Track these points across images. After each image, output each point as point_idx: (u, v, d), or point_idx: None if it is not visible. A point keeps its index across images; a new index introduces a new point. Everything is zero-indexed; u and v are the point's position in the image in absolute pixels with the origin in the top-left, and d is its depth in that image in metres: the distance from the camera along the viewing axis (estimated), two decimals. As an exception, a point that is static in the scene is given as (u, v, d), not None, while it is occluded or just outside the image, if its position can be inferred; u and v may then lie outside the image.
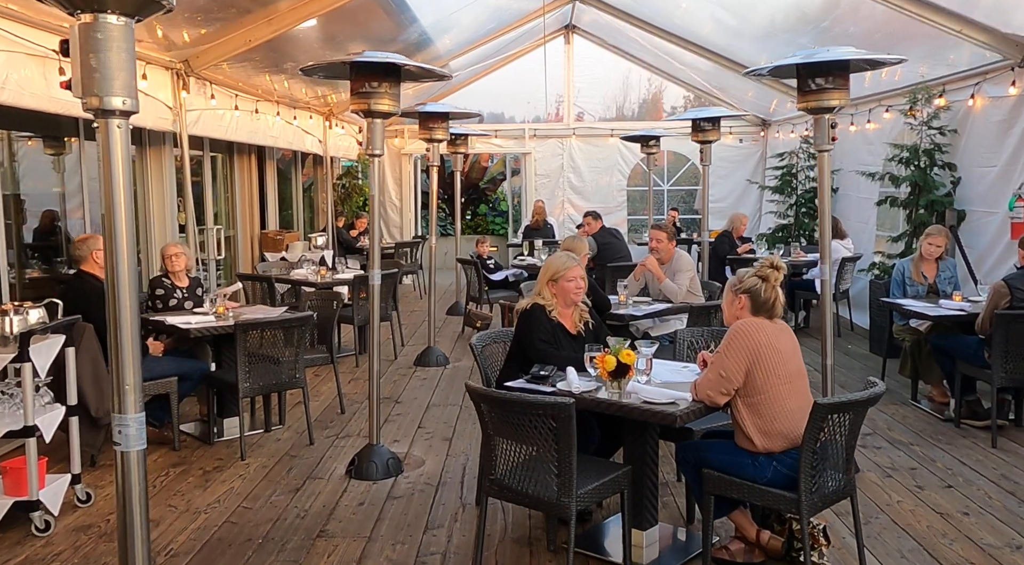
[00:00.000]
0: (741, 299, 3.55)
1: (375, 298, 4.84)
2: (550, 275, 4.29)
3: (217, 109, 7.37)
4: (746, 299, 3.53)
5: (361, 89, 4.65)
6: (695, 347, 4.66)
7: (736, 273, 3.68)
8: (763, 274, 3.55)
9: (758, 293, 3.52)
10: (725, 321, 3.67)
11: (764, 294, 3.51)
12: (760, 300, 3.51)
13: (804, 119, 11.52)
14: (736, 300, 3.57)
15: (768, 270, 3.55)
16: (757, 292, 3.52)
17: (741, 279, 3.59)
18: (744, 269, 3.66)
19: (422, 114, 7.51)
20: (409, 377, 7.41)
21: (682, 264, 6.43)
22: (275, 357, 5.41)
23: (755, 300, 3.52)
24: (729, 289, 3.64)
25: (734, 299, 3.59)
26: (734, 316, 3.58)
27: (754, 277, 3.56)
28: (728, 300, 3.63)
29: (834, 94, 4.67)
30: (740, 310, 3.55)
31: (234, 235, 9.66)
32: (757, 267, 3.59)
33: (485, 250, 9.83)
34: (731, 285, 3.63)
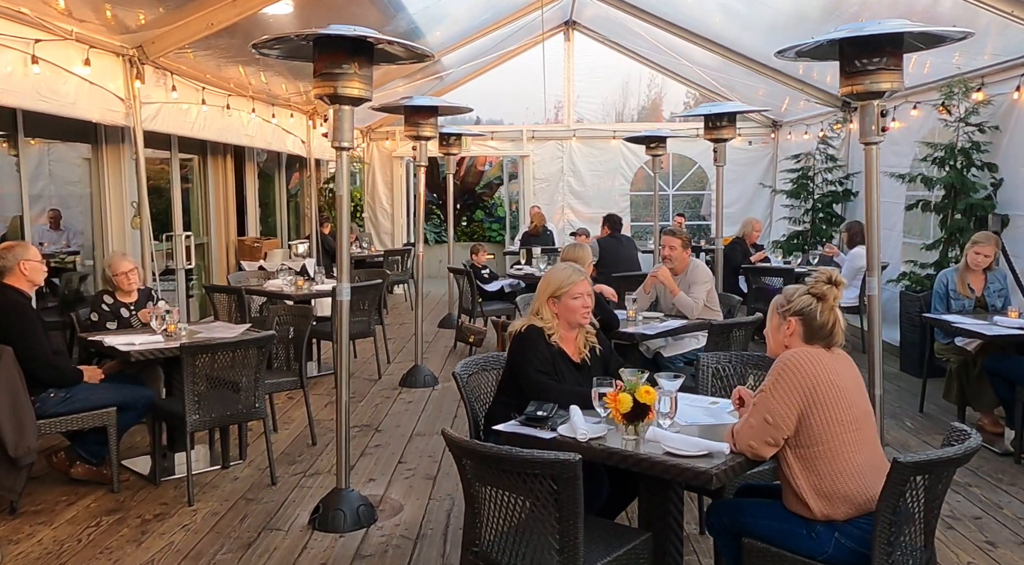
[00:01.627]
0: (791, 324, 2.82)
1: (342, 317, 4.11)
2: (551, 291, 3.56)
3: (180, 103, 6.65)
4: (797, 323, 2.81)
5: (325, 70, 3.93)
6: (721, 375, 3.93)
7: (783, 291, 2.95)
8: (818, 292, 2.82)
9: (812, 316, 2.79)
10: (770, 351, 2.94)
11: (820, 317, 2.78)
12: (815, 325, 2.78)
13: (819, 119, 10.82)
14: (784, 325, 2.84)
15: (824, 286, 2.82)
16: (811, 315, 2.79)
17: (790, 298, 2.86)
18: (793, 286, 2.93)
19: (408, 108, 6.79)
20: (393, 400, 6.67)
21: (698, 275, 5.70)
22: (234, 383, 4.68)
23: (809, 325, 2.79)
24: (775, 311, 2.90)
25: (781, 323, 2.86)
26: (781, 345, 2.85)
27: (806, 295, 2.83)
28: (774, 325, 2.90)
29: (884, 76, 3.97)
30: (789, 337, 2.82)
31: (207, 242, 8.93)
32: (810, 283, 2.87)
33: (482, 259, 9.10)
34: (777, 306, 2.90)
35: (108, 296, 5.17)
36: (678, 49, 11.10)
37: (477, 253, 9.04)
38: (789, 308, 2.83)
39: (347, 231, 4.14)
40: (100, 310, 5.12)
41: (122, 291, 5.18)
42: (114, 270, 5.13)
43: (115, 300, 5.17)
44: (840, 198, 9.99)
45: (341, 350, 4.08)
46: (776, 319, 2.88)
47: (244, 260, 9.15)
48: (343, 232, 4.13)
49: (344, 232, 4.13)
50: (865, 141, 4.14)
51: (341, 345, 4.08)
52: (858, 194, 9.89)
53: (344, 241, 4.13)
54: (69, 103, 5.17)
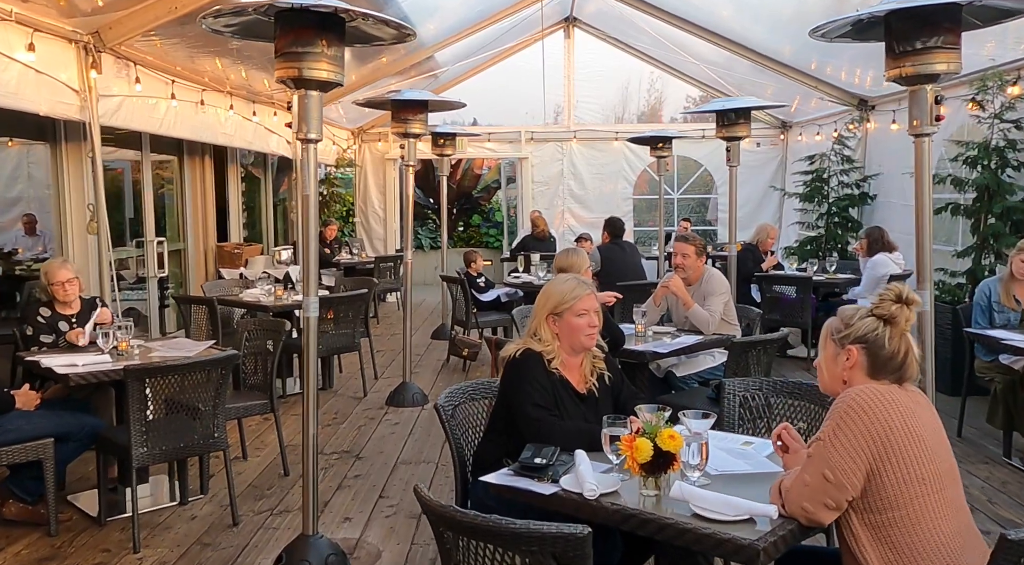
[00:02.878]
0: (851, 354, 2.25)
1: (309, 337, 3.54)
2: (551, 306, 2.99)
3: (146, 97, 6.09)
4: (859, 353, 2.23)
5: (288, 48, 3.36)
6: (750, 406, 3.36)
7: (839, 313, 2.36)
8: (885, 313, 2.24)
9: (879, 344, 2.22)
10: (824, 386, 2.36)
11: (889, 345, 2.22)
12: (883, 355, 2.22)
13: (833, 119, 10.27)
14: (842, 355, 2.27)
15: (893, 307, 2.25)
16: (877, 342, 2.22)
17: (848, 321, 2.29)
18: (851, 307, 2.35)
19: (395, 102, 6.24)
20: (378, 421, 6.09)
21: (714, 285, 5.13)
22: (191, 410, 4.11)
23: (874, 355, 2.22)
24: (829, 337, 2.33)
25: (838, 353, 2.28)
26: (839, 380, 2.28)
27: (870, 318, 2.26)
28: (828, 354, 2.32)
29: (939, 56, 3.39)
30: (850, 371, 2.25)
31: (184, 249, 8.36)
32: (874, 302, 2.29)
33: (478, 267, 8.52)
34: (832, 331, 2.33)
35: (45, 308, 4.59)
36: (683, 44, 10.57)
37: (475, 261, 8.47)
38: (848, 334, 2.26)
39: (314, 237, 3.57)
40: (35, 323, 4.54)
41: (61, 302, 4.60)
42: (50, 279, 4.55)
43: (53, 312, 4.59)
44: (857, 202, 9.44)
45: (308, 377, 3.51)
46: (831, 347, 2.31)
47: (224, 267, 8.58)
48: (309, 238, 3.57)
49: (311, 238, 3.57)
50: (916, 133, 3.56)
51: (308, 372, 3.51)
52: (876, 198, 9.34)
53: (311, 248, 3.56)
54: (10, 93, 4.61)
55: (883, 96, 9.05)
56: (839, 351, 2.27)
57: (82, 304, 4.75)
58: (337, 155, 11.77)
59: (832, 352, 2.30)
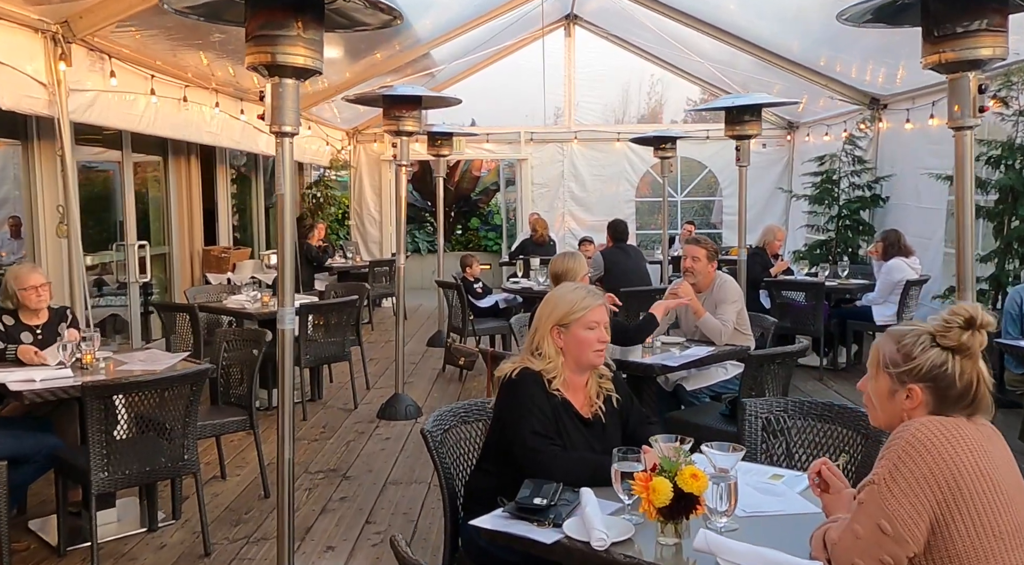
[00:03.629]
0: (914, 395, 1.86)
1: (285, 351, 3.20)
2: (558, 316, 2.63)
3: (122, 92, 5.75)
4: (924, 393, 1.86)
5: (260, 31, 3.02)
6: (774, 429, 3.01)
7: (892, 335, 1.95)
8: (953, 342, 1.84)
9: (949, 381, 1.84)
10: (875, 422, 2.00)
11: (961, 381, 1.84)
12: (954, 390, 1.85)
13: (843, 118, 9.94)
14: (901, 393, 1.89)
15: (964, 336, 1.85)
16: (947, 380, 1.84)
17: (909, 353, 1.88)
18: (903, 328, 1.93)
19: (387, 98, 5.90)
20: (368, 436, 5.74)
21: (727, 293, 4.79)
22: (159, 430, 3.77)
23: (943, 392, 1.85)
24: (882, 369, 1.93)
25: (896, 391, 1.90)
26: (897, 419, 1.92)
27: (936, 349, 1.86)
28: (882, 389, 1.94)
29: (984, 39, 3.06)
30: (911, 411, 1.89)
31: (168, 252, 8.02)
32: (937, 327, 1.90)
33: (474, 272, 8.17)
34: (886, 361, 1.91)
35: (8, 316, 4.23)
36: (686, 42, 10.24)
37: (471, 265, 8.11)
38: (911, 370, 1.86)
39: (290, 240, 3.22)
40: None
41: (27, 310, 4.25)
42: (21, 283, 4.19)
43: (16, 321, 4.24)
44: (868, 204, 9.09)
45: (284, 397, 3.16)
46: (886, 382, 1.93)
47: (210, 272, 8.24)
48: (285, 241, 3.22)
49: (286, 241, 3.22)
50: (956, 125, 3.22)
51: (284, 391, 3.16)
52: (888, 200, 9.00)
53: (286, 253, 3.22)
54: (-32, 85, 4.28)
55: (896, 94, 8.72)
56: (897, 389, 1.90)
57: (50, 314, 4.40)
58: (331, 156, 11.43)
59: (887, 388, 1.93)
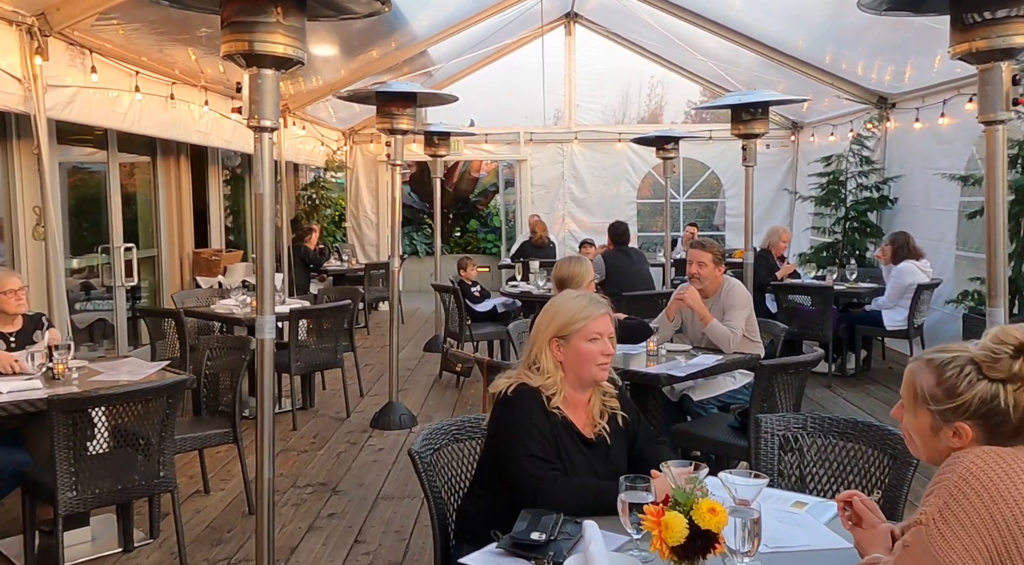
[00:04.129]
0: (962, 432, 1.61)
1: (265, 360, 2.97)
2: (557, 327, 2.40)
3: (104, 89, 5.52)
4: (973, 430, 1.61)
5: (237, 18, 2.80)
6: (792, 447, 2.78)
7: (933, 368, 1.67)
8: (1003, 374, 1.57)
9: (1002, 415, 1.58)
10: (918, 454, 1.76)
11: (1016, 412, 1.59)
12: (1008, 425, 1.59)
13: (849, 118, 9.73)
14: (946, 430, 1.64)
15: (1016, 365, 1.58)
16: (1000, 414, 1.57)
17: (954, 388, 1.62)
18: (939, 355, 1.67)
19: (380, 95, 5.68)
20: (360, 447, 5.51)
21: (735, 298, 4.56)
22: (135, 443, 3.54)
23: (996, 428, 1.59)
24: (920, 404, 1.66)
25: (940, 428, 1.64)
26: (943, 454, 1.68)
27: (984, 382, 1.61)
28: (923, 426, 1.68)
29: (1017, 26, 2.86)
30: (963, 441, 1.65)
31: (157, 255, 7.79)
32: (983, 353, 1.64)
33: (471, 274, 7.94)
34: (926, 398, 1.64)
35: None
36: (688, 39, 10.03)
37: (466, 268, 7.89)
38: (957, 407, 1.62)
39: (269, 243, 3.00)
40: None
41: (3, 315, 4.03)
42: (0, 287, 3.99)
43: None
44: (876, 205, 8.86)
45: (263, 414, 2.93)
46: (927, 419, 1.67)
47: (200, 275, 8.02)
48: (265, 245, 2.99)
49: (266, 245, 2.99)
50: (987, 120, 3.02)
51: (263, 407, 2.93)
52: (897, 201, 8.77)
53: (266, 258, 2.99)
54: (-64, 79, 4.06)
55: (905, 93, 8.50)
56: (941, 426, 1.67)
57: (24, 321, 4.18)
58: (326, 157, 11.21)
59: (929, 424, 1.69)
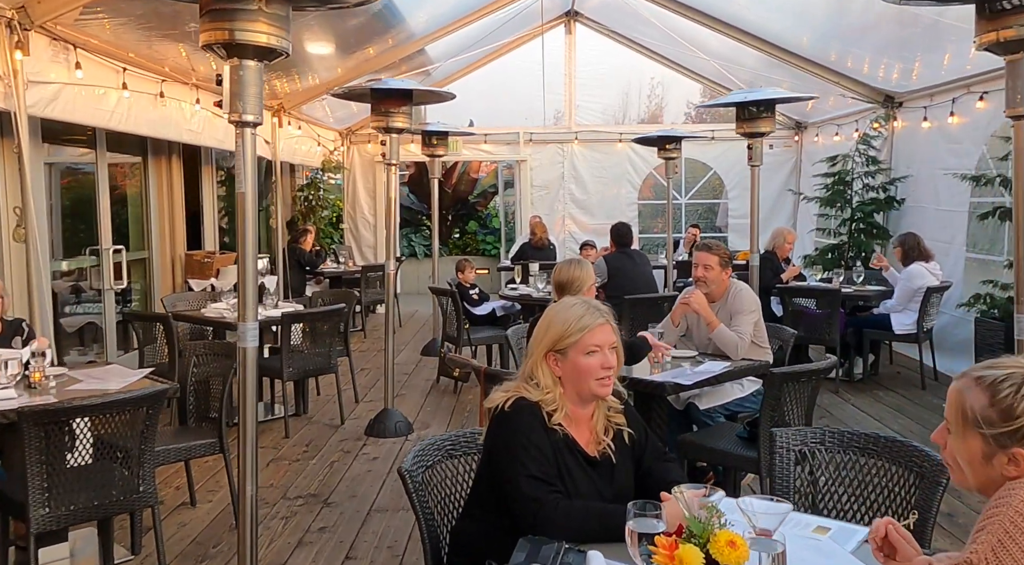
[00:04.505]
0: (1018, 458, 1.47)
1: (247, 371, 2.80)
2: (552, 339, 2.23)
3: (90, 85, 5.35)
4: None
5: (216, 5, 2.63)
6: (809, 462, 2.60)
7: (984, 386, 1.54)
8: None
9: None
10: (963, 484, 1.59)
11: None
12: None
13: (854, 117, 9.56)
14: (1000, 457, 1.48)
15: None
16: None
17: (1010, 409, 1.49)
18: (990, 372, 1.54)
19: (375, 93, 5.51)
20: (354, 456, 5.33)
21: (743, 302, 4.38)
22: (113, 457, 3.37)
23: None
24: (969, 426, 1.52)
25: (994, 454, 1.49)
26: (994, 484, 1.50)
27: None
28: (973, 451, 1.51)
29: (1049, 15, 2.67)
30: (1019, 470, 1.48)
31: (149, 258, 7.61)
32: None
33: (469, 277, 7.76)
34: (978, 420, 1.51)
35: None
36: (691, 38, 9.87)
37: (464, 270, 7.71)
38: (1014, 431, 1.46)
39: (251, 245, 2.83)
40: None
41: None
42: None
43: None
44: (883, 206, 8.68)
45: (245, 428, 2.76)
46: (979, 444, 1.51)
47: (192, 278, 7.84)
48: (247, 247, 2.83)
49: (248, 247, 2.82)
50: (1015, 114, 2.83)
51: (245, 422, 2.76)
52: (904, 202, 8.60)
53: (248, 261, 2.82)
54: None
55: (912, 91, 8.32)
56: (996, 452, 1.50)
57: (3, 327, 4.01)
58: (323, 157, 11.04)
59: (980, 451, 1.52)
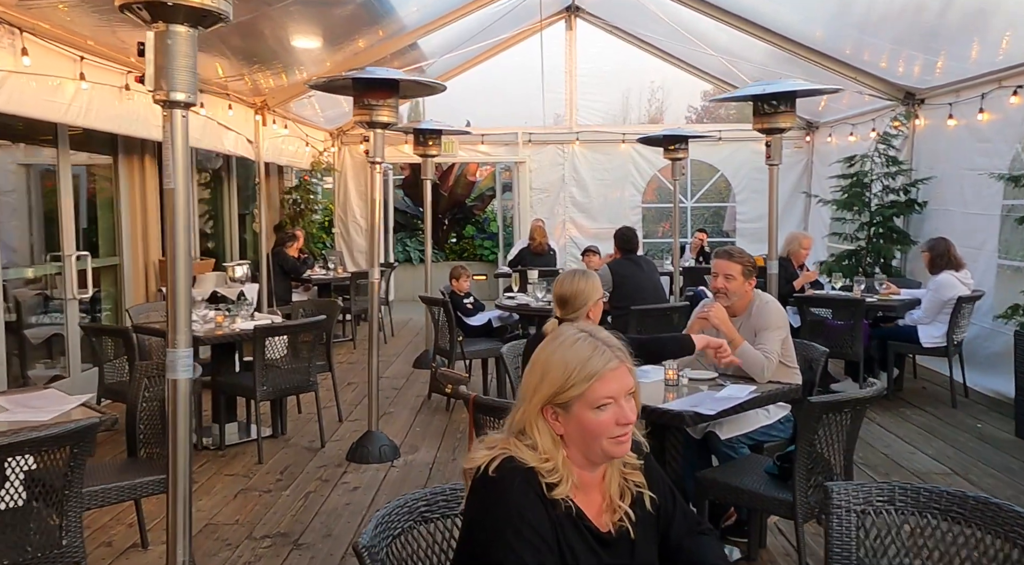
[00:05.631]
0: None
1: (178, 407, 2.28)
2: (551, 391, 1.66)
3: (40, 75, 4.83)
4: None
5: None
6: (876, 528, 2.08)
7: None
8: None
9: None
10: None
11: None
12: None
13: (870, 116, 9.05)
14: None
15: None
16: None
17: None
18: None
19: (358, 83, 5.00)
20: (332, 485, 4.80)
21: (769, 317, 3.86)
22: (35, 503, 2.85)
23: None
24: None
25: None
26: None
27: None
28: None
29: None
30: None
31: (120, 265, 7.09)
32: None
33: (464, 285, 7.23)
34: None
35: None
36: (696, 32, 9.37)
37: (458, 278, 7.18)
38: None
39: (183, 250, 2.31)
40: None
41: None
42: None
43: None
44: (904, 210, 8.16)
45: (175, 481, 2.24)
46: None
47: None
48: (178, 254, 2.31)
49: (179, 254, 2.31)
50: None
51: (175, 472, 2.25)
52: (926, 205, 8.08)
53: (180, 272, 2.31)
54: None
55: (936, 87, 7.80)
56: None
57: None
58: (312, 158, 10.53)
59: None
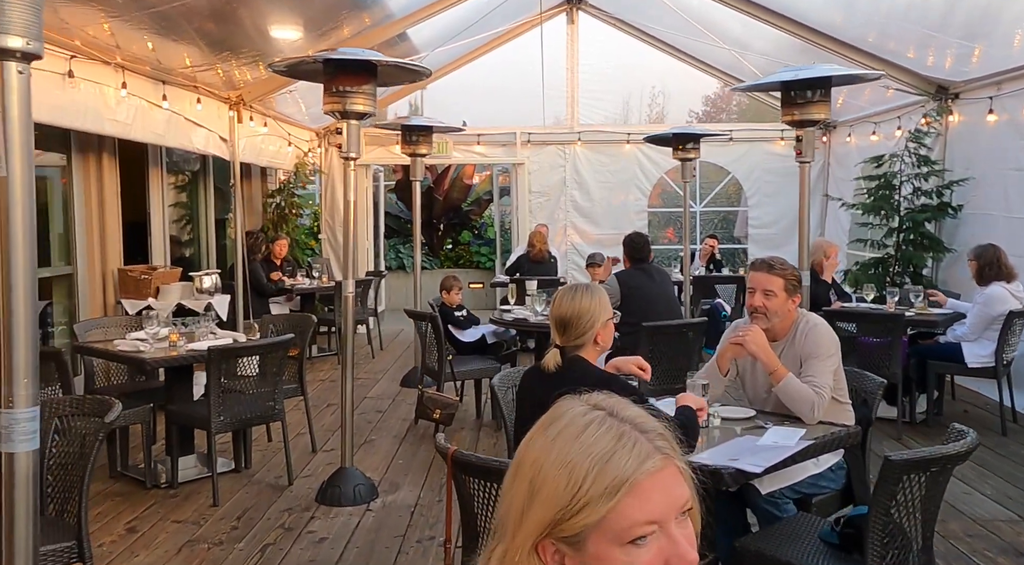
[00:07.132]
0: None
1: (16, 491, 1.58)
2: (544, 519, 0.96)
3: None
4: None
5: None
6: None
7: None
8: None
9: None
10: None
11: None
12: None
13: (896, 113, 8.37)
14: None
15: None
16: None
17: None
18: None
19: (328, 65, 4.32)
20: (296, 534, 4.09)
21: (818, 342, 3.17)
22: None
23: None
24: None
25: None
26: None
27: None
28: None
29: None
30: None
31: (74, 274, 6.39)
32: None
33: (455, 298, 6.53)
34: None
35: None
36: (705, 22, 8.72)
37: (449, 289, 6.48)
38: None
39: (22, 262, 1.61)
40: None
41: None
42: None
43: None
44: (936, 214, 7.47)
45: None
46: None
47: (127, 298, 6.61)
48: (16, 269, 1.61)
49: (19, 269, 1.61)
50: None
51: None
52: (962, 208, 7.38)
53: (17, 301, 1.60)
54: None
55: (972, 80, 7.12)
56: None
57: None
58: (296, 159, 9.84)
59: None
